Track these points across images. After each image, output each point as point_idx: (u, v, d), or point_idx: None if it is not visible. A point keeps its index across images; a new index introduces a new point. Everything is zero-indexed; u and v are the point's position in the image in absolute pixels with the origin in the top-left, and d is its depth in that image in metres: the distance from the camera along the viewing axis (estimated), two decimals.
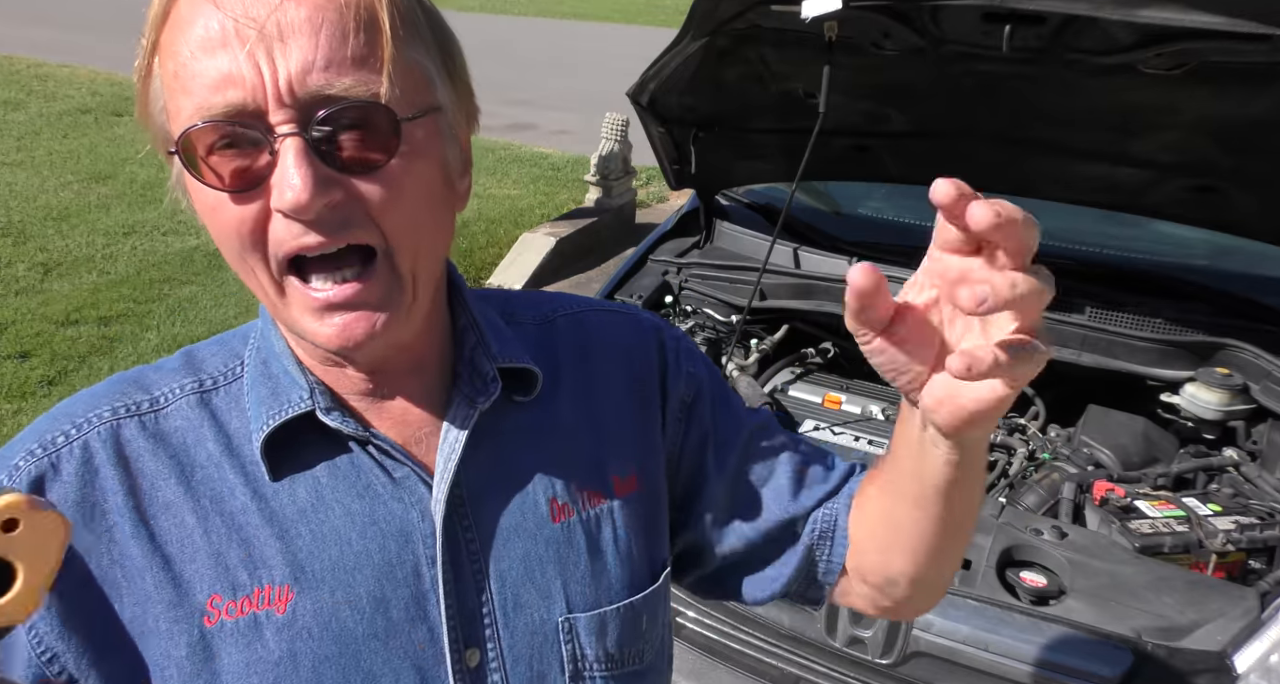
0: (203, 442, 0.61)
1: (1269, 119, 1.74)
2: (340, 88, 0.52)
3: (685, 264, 2.50)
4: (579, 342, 0.75)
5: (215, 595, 0.58)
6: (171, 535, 0.59)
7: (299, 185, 0.52)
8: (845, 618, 1.58)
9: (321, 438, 0.62)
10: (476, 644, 0.64)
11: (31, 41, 11.47)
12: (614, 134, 5.80)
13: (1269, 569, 1.67)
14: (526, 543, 0.66)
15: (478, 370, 0.67)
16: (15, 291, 4.67)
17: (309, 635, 0.59)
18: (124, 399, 0.62)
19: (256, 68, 0.51)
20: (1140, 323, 2.10)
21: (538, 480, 0.68)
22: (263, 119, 0.52)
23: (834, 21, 1.72)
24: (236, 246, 0.55)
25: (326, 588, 0.60)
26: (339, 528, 0.61)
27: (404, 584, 0.62)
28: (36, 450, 0.59)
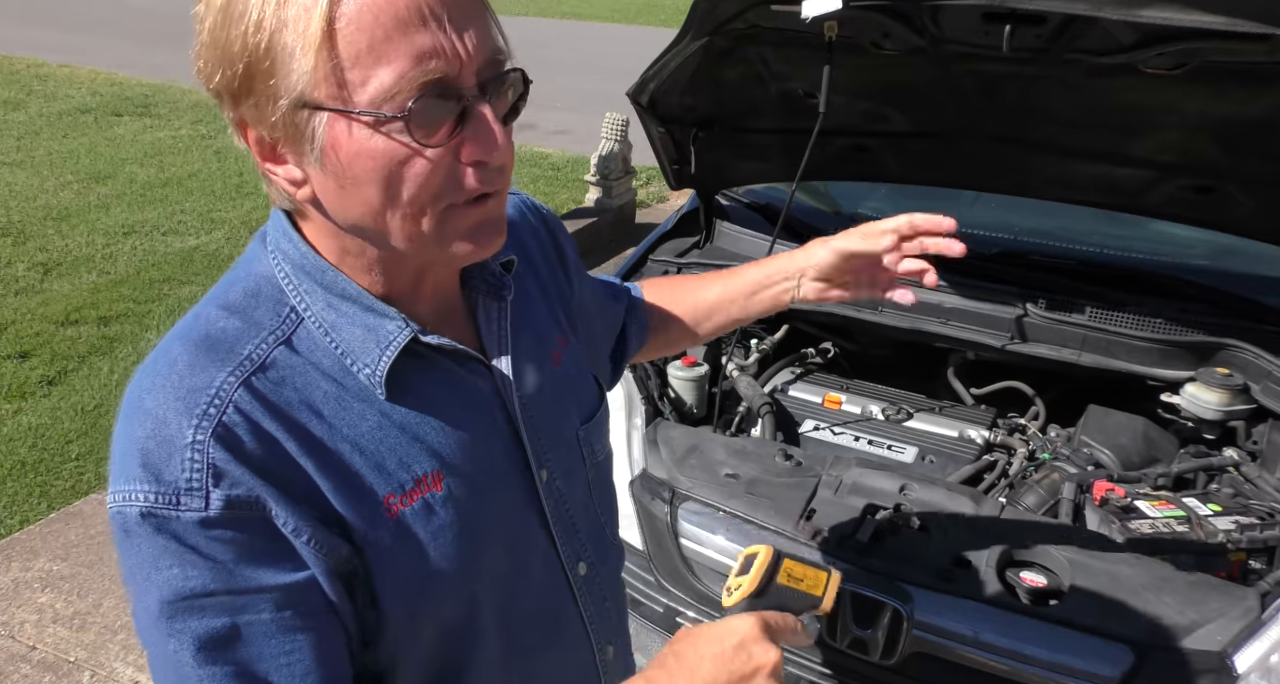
0: (314, 383, 0.71)
1: (1269, 119, 1.74)
2: (499, 56, 0.67)
3: (685, 264, 2.50)
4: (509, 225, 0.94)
5: (389, 494, 0.72)
6: (337, 463, 0.70)
7: (502, 142, 0.66)
8: (846, 618, 1.58)
9: (405, 354, 0.74)
10: (544, 465, 0.86)
11: (31, 41, 11.47)
12: (614, 134, 5.80)
13: (1269, 569, 1.67)
14: (548, 387, 0.87)
15: (488, 269, 0.84)
16: (15, 291, 4.67)
17: (463, 500, 0.76)
18: (230, 363, 0.68)
19: (452, 43, 0.63)
20: (1140, 323, 2.10)
21: (538, 341, 0.89)
22: (459, 86, 0.64)
23: (834, 21, 1.72)
24: (416, 195, 0.66)
25: (460, 463, 0.76)
26: (450, 420, 0.77)
27: (497, 440, 0.81)
28: (202, 425, 0.65)
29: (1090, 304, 2.14)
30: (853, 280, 1.12)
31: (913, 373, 2.44)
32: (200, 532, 0.64)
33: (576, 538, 0.90)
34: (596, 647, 0.94)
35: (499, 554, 0.80)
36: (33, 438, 3.50)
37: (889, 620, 1.54)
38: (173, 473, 0.64)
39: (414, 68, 0.61)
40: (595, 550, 0.94)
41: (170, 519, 0.64)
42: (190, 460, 0.64)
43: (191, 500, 0.64)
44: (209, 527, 0.64)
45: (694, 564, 1.78)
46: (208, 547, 0.64)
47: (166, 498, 0.64)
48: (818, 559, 0.68)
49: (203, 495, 0.64)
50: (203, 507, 0.64)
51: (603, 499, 0.98)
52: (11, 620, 2.62)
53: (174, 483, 0.64)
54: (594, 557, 0.93)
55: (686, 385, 2.23)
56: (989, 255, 2.40)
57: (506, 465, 0.82)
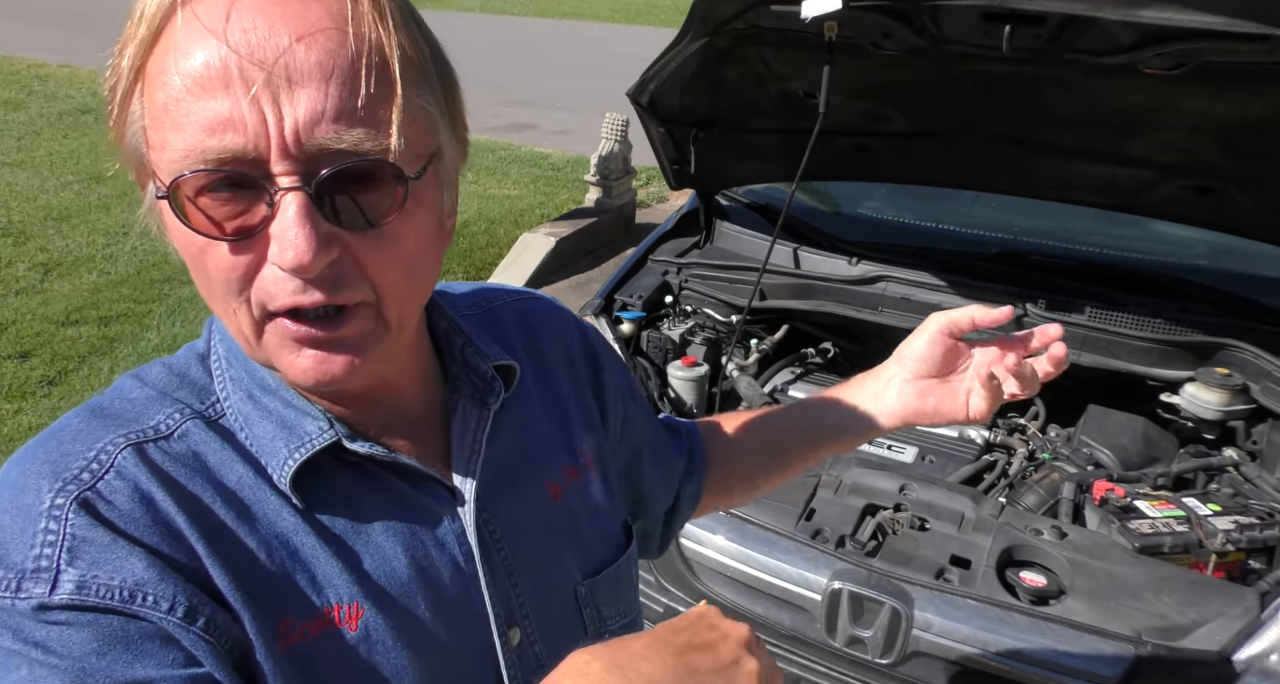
0: (229, 463, 0.59)
1: (1269, 119, 1.74)
2: (349, 142, 0.50)
3: (685, 264, 2.50)
4: (523, 328, 0.79)
5: (287, 619, 0.57)
6: (236, 560, 0.56)
7: (302, 245, 0.50)
8: (845, 618, 1.58)
9: (336, 461, 0.61)
10: (516, 622, 0.68)
11: (31, 41, 11.47)
12: (614, 134, 5.79)
13: (1269, 569, 1.67)
14: (536, 525, 0.70)
15: (475, 371, 0.69)
16: (15, 291, 4.67)
17: (384, 648, 0.60)
18: (124, 428, 0.57)
19: (260, 114, 0.49)
20: (1140, 323, 2.10)
21: (533, 467, 0.72)
22: (263, 167, 0.50)
23: (834, 21, 1.72)
24: (221, 290, 0.54)
25: (389, 601, 0.60)
26: (382, 543, 0.62)
27: (451, 583, 0.64)
28: (68, 488, 0.53)
29: (1090, 304, 2.14)
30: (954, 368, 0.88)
31: None
32: (43, 621, 0.50)
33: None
34: None
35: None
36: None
37: (889, 620, 1.54)
38: (20, 552, 0.51)
39: (204, 139, 0.49)
40: None
41: (8, 611, 0.50)
42: (44, 531, 0.52)
43: (35, 585, 0.51)
44: (55, 612, 0.50)
45: (694, 564, 1.78)
46: (56, 640, 0.50)
47: (6, 584, 0.51)
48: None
49: (50, 577, 0.51)
50: (47, 591, 0.50)
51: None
52: None
53: (19, 565, 0.51)
54: None
55: (686, 385, 2.23)
56: (989, 255, 2.40)
57: (460, 614, 0.64)
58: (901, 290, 2.29)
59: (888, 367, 0.91)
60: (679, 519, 0.96)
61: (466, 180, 7.10)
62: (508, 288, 0.83)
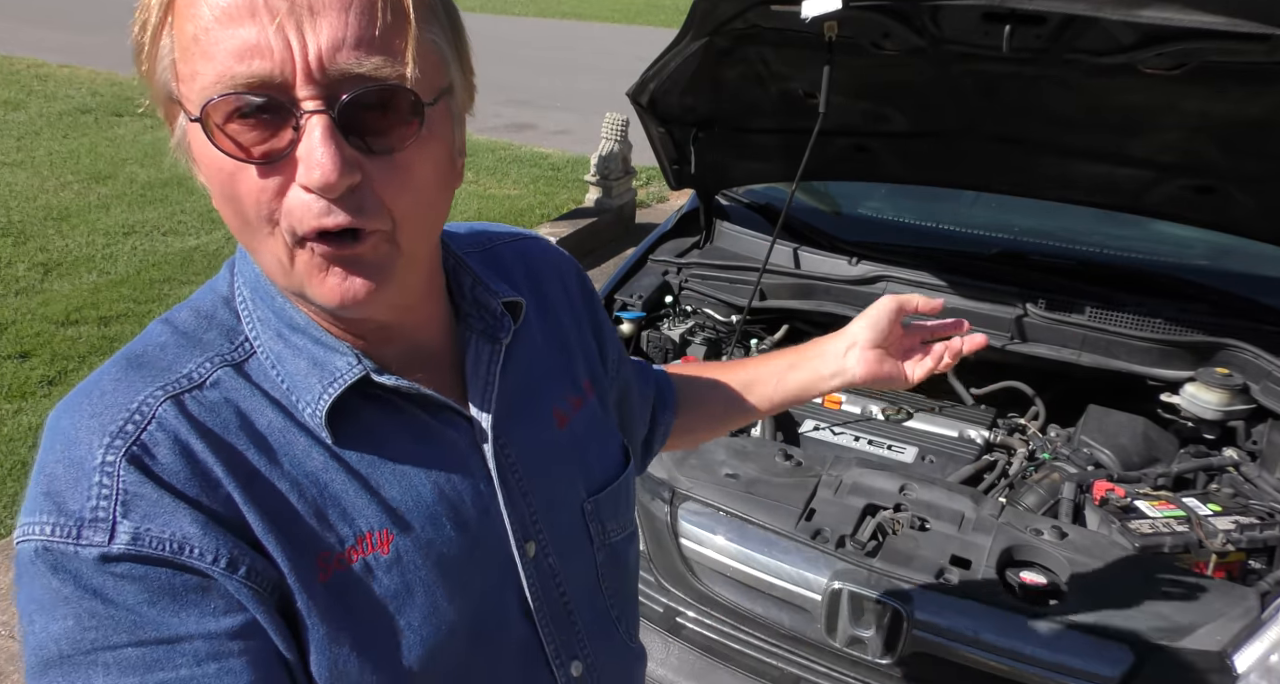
0: (259, 409, 0.62)
1: (1269, 119, 1.74)
2: (369, 67, 0.53)
3: (685, 264, 2.50)
4: (525, 267, 0.84)
5: (323, 552, 0.61)
6: (269, 503, 0.60)
7: (328, 164, 0.53)
8: (845, 618, 1.58)
9: (362, 397, 0.64)
10: (531, 537, 0.74)
11: (31, 41, 11.47)
12: (614, 134, 5.80)
13: (1269, 569, 1.67)
14: (547, 451, 0.76)
15: (486, 308, 0.74)
16: (15, 292, 4.67)
17: (415, 567, 0.65)
18: (161, 379, 0.60)
19: (285, 40, 0.52)
20: (1140, 323, 2.10)
21: (541, 397, 0.78)
22: (288, 92, 0.53)
23: (834, 21, 1.72)
24: (250, 215, 0.56)
25: (418, 525, 0.65)
26: (410, 473, 0.66)
27: (472, 505, 0.69)
28: (115, 443, 0.56)
29: (1090, 304, 2.14)
30: (905, 348, 1.01)
31: None
32: (103, 570, 0.54)
33: (571, 630, 0.77)
34: None
35: (459, 637, 0.67)
36: (33, 438, 3.50)
37: (889, 620, 1.54)
38: (77, 501, 0.55)
39: (234, 65, 0.52)
40: (598, 649, 0.80)
41: (69, 556, 0.54)
42: (98, 485, 0.55)
43: (95, 533, 0.54)
44: (113, 564, 0.54)
45: (694, 564, 1.78)
46: (113, 588, 0.54)
47: (66, 530, 0.54)
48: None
49: (108, 527, 0.54)
50: (106, 540, 0.54)
51: (617, 589, 0.84)
52: (12, 620, 2.62)
53: (77, 513, 0.55)
54: (595, 657, 0.79)
55: None
56: (989, 255, 2.40)
57: (481, 533, 0.70)
58: (901, 290, 2.29)
59: (848, 333, 1.00)
60: (651, 452, 1.07)
61: (467, 180, 7.09)
62: (505, 228, 0.88)
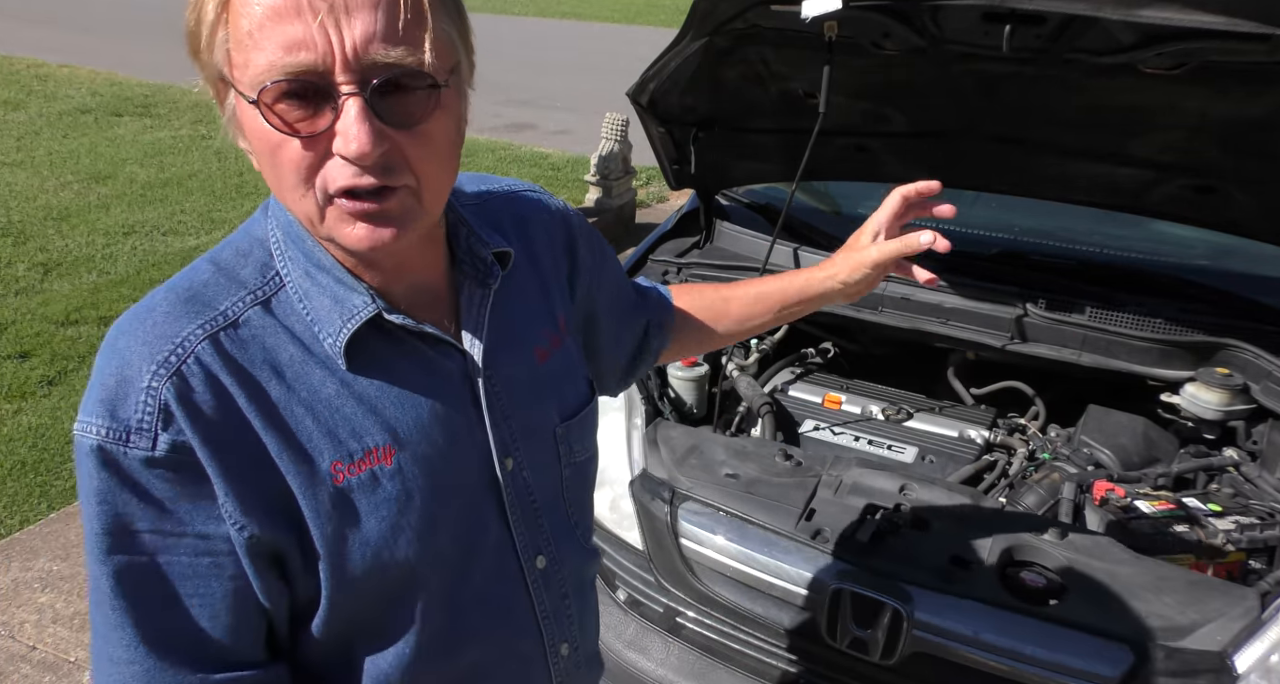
0: (282, 345, 0.74)
1: (1269, 119, 1.73)
2: (394, 56, 0.65)
3: (685, 264, 2.50)
4: (514, 219, 0.96)
5: (336, 461, 0.75)
6: (289, 425, 0.73)
7: (363, 138, 0.65)
8: (845, 618, 1.58)
9: (376, 331, 0.77)
10: (510, 454, 0.87)
11: (31, 41, 11.47)
12: (614, 134, 5.79)
13: (1269, 569, 1.67)
14: (525, 380, 0.89)
15: (478, 256, 0.86)
16: (15, 292, 4.67)
17: (413, 476, 0.78)
18: (203, 317, 0.72)
19: (326, 35, 0.63)
20: (1140, 323, 2.10)
21: (524, 334, 0.91)
22: (328, 79, 0.65)
23: (834, 21, 1.72)
24: (292, 179, 0.68)
25: (415, 441, 0.78)
26: (410, 398, 0.79)
27: (461, 425, 0.83)
28: (160, 371, 0.69)
29: (1090, 304, 2.14)
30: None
31: (913, 373, 2.44)
32: (144, 470, 0.69)
33: (539, 531, 0.92)
34: (548, 642, 0.95)
35: (447, 533, 0.82)
36: (33, 438, 3.50)
37: (889, 620, 1.54)
38: (126, 411, 0.68)
39: (283, 56, 0.64)
40: (559, 547, 0.95)
41: (118, 455, 0.68)
42: (144, 403, 0.68)
43: (140, 440, 0.68)
44: (152, 466, 0.69)
45: (694, 564, 1.78)
46: (148, 485, 0.69)
47: (118, 434, 0.68)
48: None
49: (151, 436, 0.68)
50: (150, 446, 0.68)
51: (576, 500, 0.99)
52: (11, 620, 2.62)
53: (126, 421, 0.68)
54: (556, 553, 0.94)
55: (686, 385, 2.23)
56: (989, 255, 2.40)
57: (468, 449, 0.84)
58: (901, 290, 2.29)
59: (863, 234, 1.21)
60: (641, 367, 1.20)
61: None
62: (505, 183, 1.01)
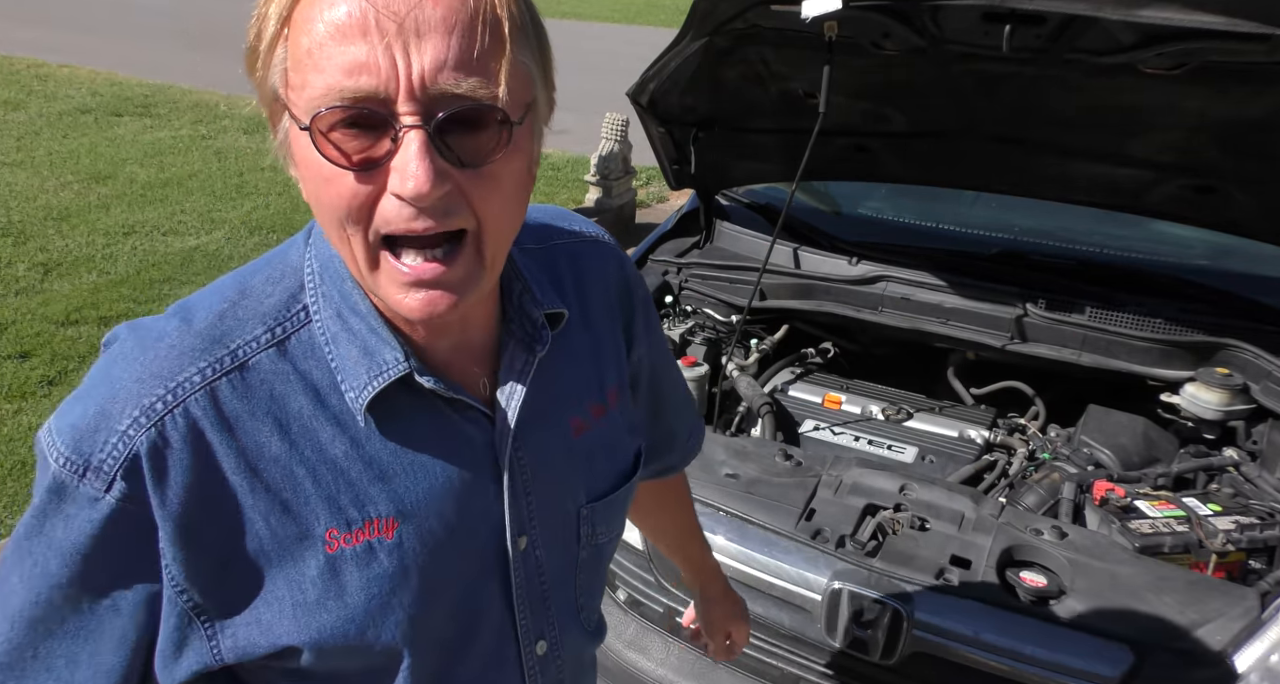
0: (293, 394, 0.68)
1: (1269, 119, 1.74)
2: (465, 88, 0.57)
3: (685, 264, 2.50)
4: (574, 273, 0.86)
5: (332, 529, 0.68)
6: (284, 485, 0.67)
7: (422, 176, 0.57)
8: (845, 618, 1.58)
9: (404, 388, 0.69)
10: (525, 532, 0.79)
11: (31, 41, 11.47)
12: (614, 134, 5.80)
13: (1269, 569, 1.67)
14: (557, 456, 0.81)
15: (528, 317, 0.78)
16: (15, 292, 4.67)
17: (414, 553, 0.71)
18: (208, 357, 0.66)
19: (392, 59, 0.56)
20: (1140, 323, 2.10)
21: (563, 405, 0.82)
22: (390, 108, 0.57)
23: (834, 21, 1.72)
24: (341, 216, 0.61)
25: (422, 514, 0.72)
26: (425, 463, 0.72)
27: (477, 498, 0.75)
28: (141, 419, 0.63)
29: (1090, 304, 2.14)
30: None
31: (913, 373, 2.44)
32: (88, 508, 0.64)
33: (544, 614, 0.85)
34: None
35: (443, 614, 0.75)
36: (33, 438, 3.50)
37: (889, 620, 1.54)
38: (92, 447, 0.64)
39: (342, 80, 0.56)
40: (563, 631, 0.88)
41: (69, 485, 0.64)
42: (114, 446, 0.63)
43: (96, 480, 0.63)
44: (97, 508, 0.64)
45: None
46: (85, 523, 0.64)
47: (76, 466, 0.63)
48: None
49: (107, 480, 0.63)
50: (103, 490, 0.63)
51: (589, 583, 0.92)
52: None
53: (89, 457, 0.63)
54: (559, 637, 0.88)
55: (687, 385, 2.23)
56: (989, 255, 2.40)
57: (479, 524, 0.76)
58: (901, 290, 2.29)
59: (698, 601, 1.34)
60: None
61: None
62: (569, 225, 0.91)
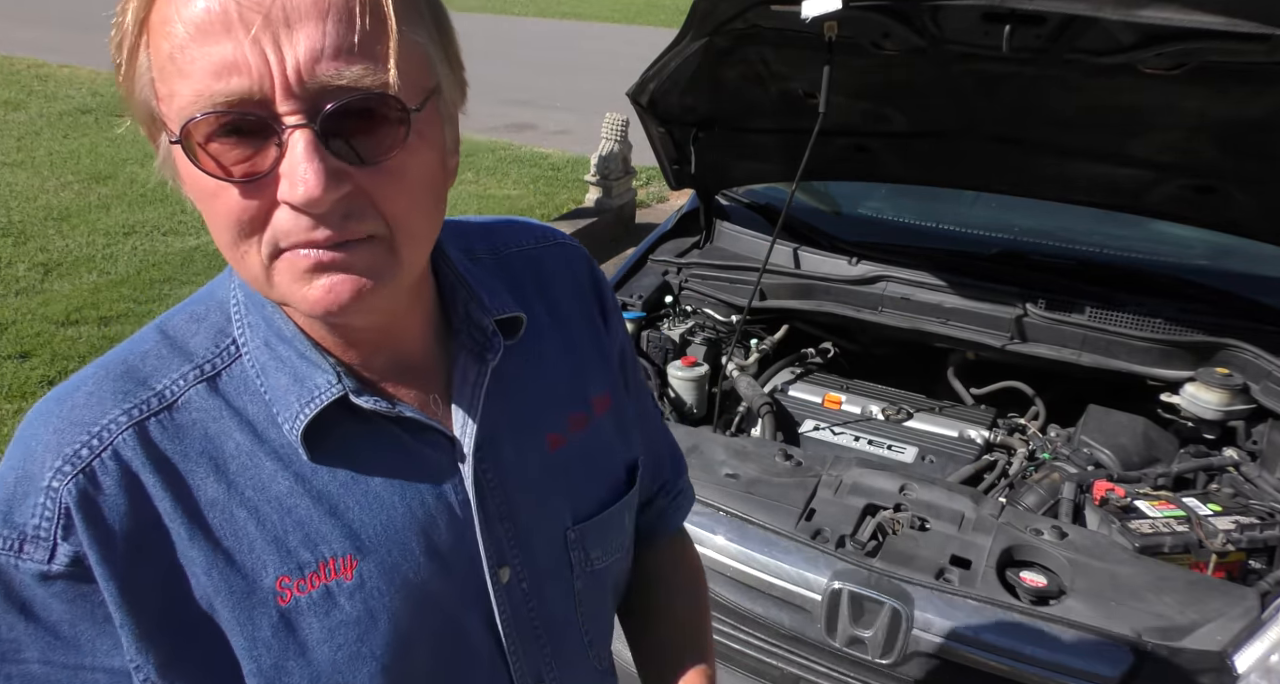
0: (228, 432, 0.62)
1: (1269, 119, 1.74)
2: (349, 77, 0.51)
3: (685, 264, 2.50)
4: (535, 275, 0.80)
5: (283, 577, 0.61)
6: (225, 531, 0.60)
7: (312, 180, 0.51)
8: (845, 618, 1.58)
9: (346, 413, 0.63)
10: (506, 562, 0.71)
11: (31, 41, 11.47)
12: (614, 134, 5.80)
13: (1269, 569, 1.67)
14: (533, 474, 0.73)
15: (477, 325, 0.70)
16: (15, 292, 4.67)
17: (379, 593, 0.64)
18: (132, 399, 0.60)
19: (262, 55, 0.50)
20: (1140, 323, 2.10)
21: (535, 417, 0.74)
22: (269, 108, 0.51)
23: (834, 21, 1.72)
24: (234, 234, 0.55)
25: (384, 549, 0.64)
26: (381, 493, 0.65)
27: (446, 528, 0.67)
28: (65, 467, 0.57)
29: (1090, 304, 2.14)
30: None
31: (913, 373, 2.44)
32: (39, 587, 0.57)
33: (540, 654, 0.76)
34: None
35: (423, 662, 0.67)
36: None
37: (889, 620, 1.54)
38: (23, 515, 0.57)
39: (211, 83, 0.50)
40: (565, 671, 0.78)
41: (9, 568, 0.57)
42: (43, 505, 0.57)
43: (36, 550, 0.57)
44: (49, 582, 0.57)
45: None
46: (43, 605, 0.57)
47: (11, 543, 0.57)
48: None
49: (49, 547, 0.57)
50: (46, 559, 0.57)
51: (594, 614, 0.81)
52: None
53: (22, 527, 0.57)
54: (562, 677, 0.78)
55: (686, 385, 2.23)
56: (989, 255, 2.40)
57: (453, 557, 0.68)
58: (901, 290, 2.29)
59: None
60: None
61: (466, 180, 7.10)
62: (527, 230, 0.84)
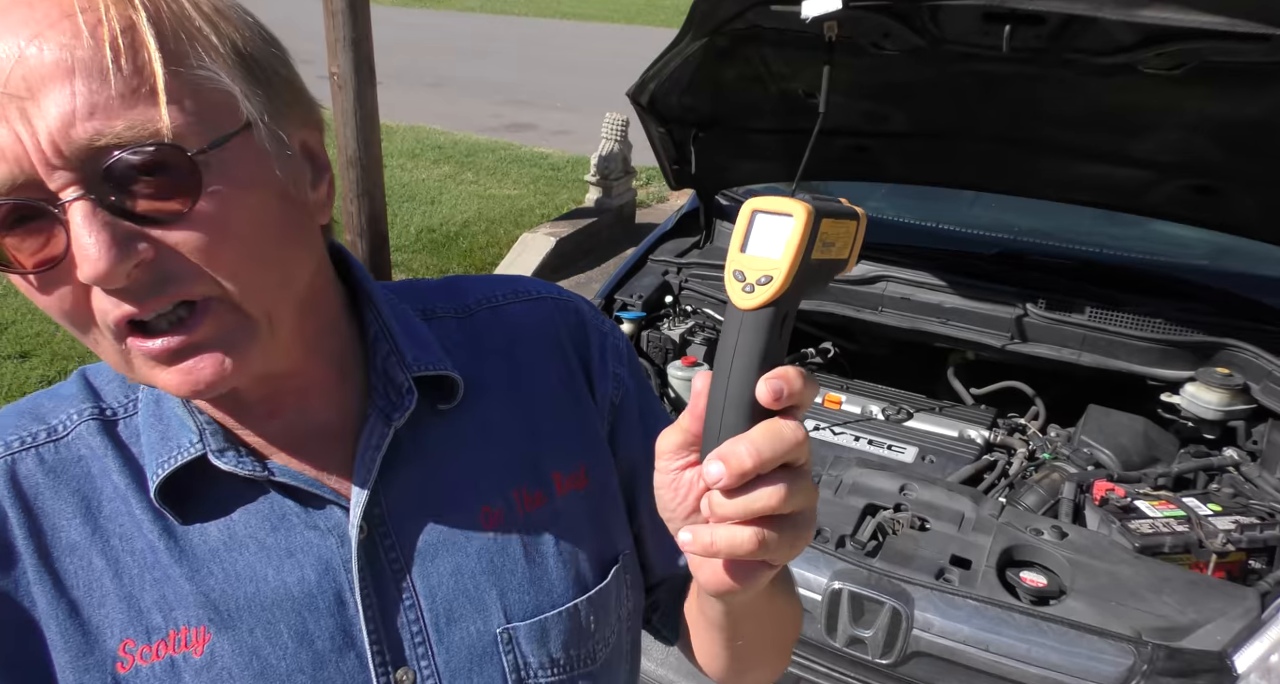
0: (108, 473, 0.58)
1: (1269, 119, 1.74)
2: (113, 133, 0.45)
3: (685, 264, 2.51)
4: (504, 334, 0.70)
5: (128, 640, 0.55)
6: (78, 579, 0.56)
7: (95, 252, 0.46)
8: (845, 618, 1.58)
9: (225, 474, 0.58)
10: (405, 663, 0.61)
11: None
12: (614, 134, 5.80)
13: (1269, 569, 1.67)
14: (456, 555, 0.63)
15: (391, 382, 0.63)
16: (15, 292, 4.67)
17: (229, 676, 0.56)
18: (17, 432, 0.58)
19: (14, 134, 0.45)
20: (1140, 323, 2.10)
21: (467, 489, 0.65)
22: (41, 189, 0.46)
23: (834, 21, 1.72)
24: (70, 326, 0.51)
25: (245, 627, 0.57)
26: (253, 564, 0.58)
27: (327, 614, 0.59)
28: None
29: (1090, 304, 2.14)
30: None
31: (913, 373, 2.44)
32: None
33: None
34: None
35: None
36: None
37: (889, 620, 1.54)
38: None
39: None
40: None
41: None
42: None
43: None
44: None
45: None
46: None
47: None
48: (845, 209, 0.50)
49: None
50: None
51: None
52: None
53: None
54: None
55: (686, 385, 2.24)
56: (989, 255, 2.40)
57: (331, 650, 0.59)
58: (901, 290, 2.29)
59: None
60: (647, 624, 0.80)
61: (466, 180, 7.10)
62: (505, 284, 0.75)
